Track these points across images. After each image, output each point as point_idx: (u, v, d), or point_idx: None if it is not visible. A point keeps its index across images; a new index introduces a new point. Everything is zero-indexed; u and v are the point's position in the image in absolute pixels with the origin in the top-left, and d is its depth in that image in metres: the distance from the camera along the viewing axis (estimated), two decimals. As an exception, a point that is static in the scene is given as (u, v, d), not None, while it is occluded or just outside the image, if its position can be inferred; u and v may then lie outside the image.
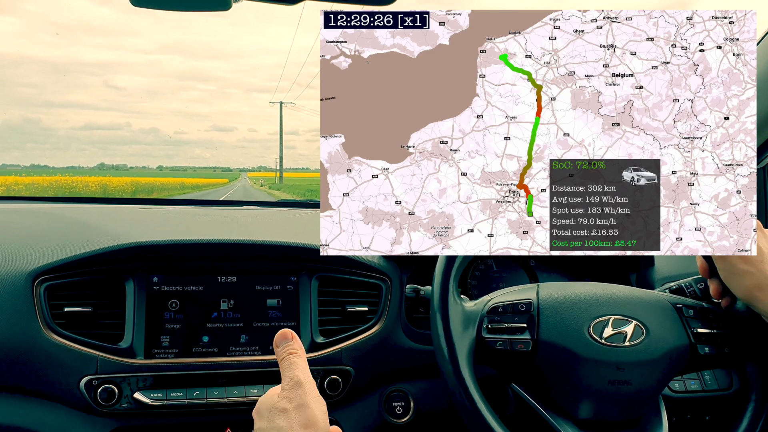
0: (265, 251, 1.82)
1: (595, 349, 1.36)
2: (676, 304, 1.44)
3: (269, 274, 1.82)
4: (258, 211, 2.47)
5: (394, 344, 1.88)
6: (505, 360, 1.42)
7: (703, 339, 1.41)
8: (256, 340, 1.77)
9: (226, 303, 1.77)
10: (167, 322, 1.72)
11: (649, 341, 1.37)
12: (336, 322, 1.84)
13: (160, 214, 2.24)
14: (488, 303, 1.47)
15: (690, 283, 1.56)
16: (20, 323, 1.62)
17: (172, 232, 1.92)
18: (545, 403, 1.44)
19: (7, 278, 1.66)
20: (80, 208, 2.26)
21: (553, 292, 1.45)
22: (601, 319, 1.38)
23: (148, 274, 1.74)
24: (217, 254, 1.79)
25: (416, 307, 1.96)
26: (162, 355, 1.69)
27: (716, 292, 1.43)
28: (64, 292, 1.68)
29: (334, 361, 1.77)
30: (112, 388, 1.62)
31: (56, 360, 1.62)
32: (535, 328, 1.40)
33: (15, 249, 1.74)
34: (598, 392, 1.36)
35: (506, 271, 2.14)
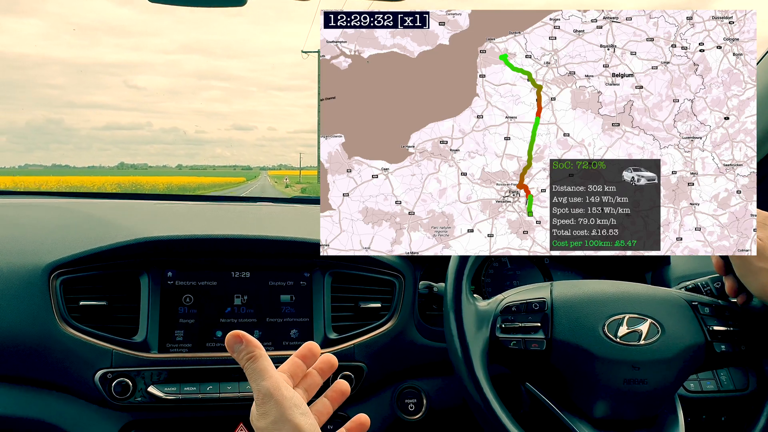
0: (279, 247, 1.83)
1: (610, 347, 1.35)
2: (692, 301, 1.43)
3: (283, 270, 1.83)
4: (272, 207, 2.49)
5: (407, 341, 1.88)
6: (519, 360, 1.42)
7: (720, 336, 1.40)
8: (269, 336, 1.78)
9: (239, 298, 1.79)
10: (181, 317, 1.74)
11: (664, 339, 1.37)
12: (349, 319, 1.85)
13: (174, 210, 2.26)
14: (502, 302, 1.46)
15: (706, 282, 1.54)
16: (36, 316, 1.64)
17: (187, 227, 1.93)
18: (560, 403, 1.43)
19: (24, 272, 1.68)
20: (95, 203, 2.29)
21: (566, 290, 1.44)
22: (616, 318, 1.38)
23: (162, 268, 1.76)
24: (230, 249, 1.80)
25: (429, 304, 1.96)
26: (176, 350, 1.71)
27: (732, 289, 1.42)
28: (79, 286, 1.70)
29: (347, 357, 1.77)
30: (127, 382, 1.63)
31: (71, 353, 1.64)
32: (549, 328, 1.39)
33: (31, 243, 1.76)
34: (614, 391, 1.36)
35: (520, 269, 2.13)
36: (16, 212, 2.05)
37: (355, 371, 1.78)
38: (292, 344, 1.78)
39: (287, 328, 1.79)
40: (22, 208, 2.10)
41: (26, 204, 2.19)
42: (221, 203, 2.46)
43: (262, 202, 2.60)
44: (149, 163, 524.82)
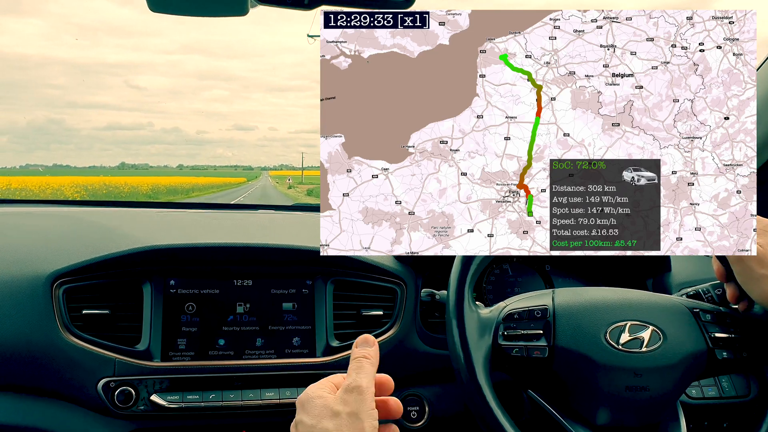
0: (281, 255, 1.83)
1: (612, 355, 1.35)
2: (693, 308, 1.43)
3: (285, 278, 1.84)
4: (274, 214, 2.49)
5: (409, 348, 1.88)
6: (521, 367, 1.41)
7: (721, 344, 1.39)
8: (271, 344, 1.78)
9: (242, 306, 1.79)
10: (184, 325, 1.74)
11: (666, 346, 1.36)
12: (351, 326, 1.85)
13: (176, 218, 2.27)
14: (504, 310, 1.46)
15: (707, 289, 1.54)
16: (39, 325, 1.64)
17: (189, 235, 1.94)
18: (562, 410, 1.43)
19: (27, 281, 1.68)
20: (98, 212, 2.30)
21: (568, 298, 1.44)
22: (618, 325, 1.37)
23: (164, 277, 1.76)
24: (232, 258, 1.80)
25: (431, 312, 1.95)
26: (178, 358, 1.71)
27: (733, 296, 1.41)
28: (82, 295, 1.70)
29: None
30: (129, 390, 1.63)
31: (74, 362, 1.64)
32: (551, 335, 1.39)
33: (34, 252, 1.77)
34: (616, 398, 1.35)
35: (521, 275, 2.13)
36: (18, 221, 2.06)
37: None
38: (294, 352, 1.78)
39: (289, 335, 1.79)
40: (24, 217, 2.11)
41: (28, 213, 2.20)
42: (223, 211, 2.47)
43: (263, 209, 2.60)
44: (150, 164, 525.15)
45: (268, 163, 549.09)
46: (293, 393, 1.72)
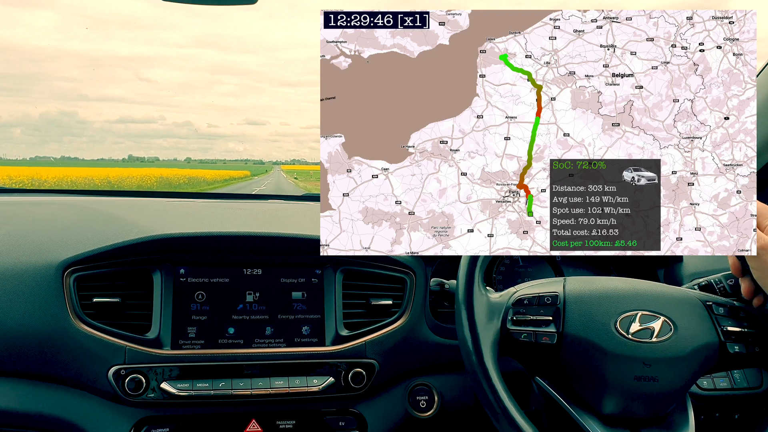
0: (290, 244, 1.83)
1: (622, 344, 1.34)
2: (706, 301, 1.42)
3: (294, 267, 1.84)
4: (284, 204, 2.49)
5: (418, 338, 1.89)
6: (529, 352, 1.42)
7: (734, 337, 1.38)
8: (281, 332, 1.79)
9: (251, 295, 1.80)
10: (194, 314, 1.75)
11: (677, 338, 1.36)
12: (360, 315, 1.85)
13: (186, 207, 2.28)
14: (514, 295, 1.46)
15: (719, 279, 1.54)
16: (50, 313, 1.66)
17: (199, 224, 1.95)
18: (570, 398, 1.43)
19: (38, 269, 1.70)
20: (108, 201, 2.31)
21: (579, 285, 1.44)
22: (629, 314, 1.37)
23: (174, 265, 1.77)
24: (242, 247, 1.81)
25: (441, 302, 1.96)
26: (188, 346, 1.72)
27: (748, 291, 1.40)
28: (93, 283, 1.71)
29: (359, 354, 1.78)
30: (140, 378, 1.65)
31: (85, 350, 1.66)
32: (560, 321, 1.39)
33: (45, 240, 1.78)
34: (624, 388, 1.35)
35: (531, 265, 2.13)
36: (30, 210, 2.07)
37: (367, 368, 1.78)
38: (304, 341, 1.79)
39: (299, 324, 1.80)
40: (36, 206, 2.12)
41: (40, 201, 2.21)
42: (233, 201, 2.48)
43: (272, 199, 2.60)
44: (160, 157, 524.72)
45: (279, 157, 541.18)
46: (302, 382, 1.73)
